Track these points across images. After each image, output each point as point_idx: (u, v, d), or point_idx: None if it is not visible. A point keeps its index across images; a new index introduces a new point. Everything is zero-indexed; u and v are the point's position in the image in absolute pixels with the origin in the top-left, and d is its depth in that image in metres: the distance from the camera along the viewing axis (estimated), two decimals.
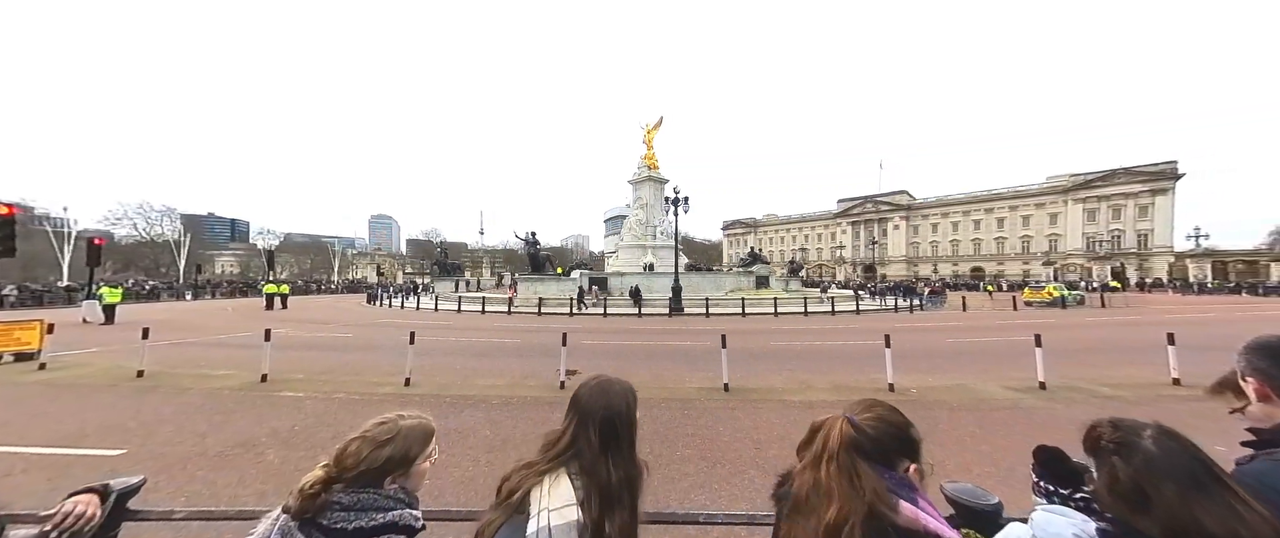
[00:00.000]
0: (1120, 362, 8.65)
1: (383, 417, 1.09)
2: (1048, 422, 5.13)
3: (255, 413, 5.52)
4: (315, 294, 48.73)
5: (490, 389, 6.78)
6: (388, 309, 25.58)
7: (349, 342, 11.98)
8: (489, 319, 18.93)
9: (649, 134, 42.82)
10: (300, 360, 8.99)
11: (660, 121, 43.86)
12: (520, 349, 10.62)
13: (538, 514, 0.92)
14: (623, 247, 41.90)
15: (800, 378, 7.40)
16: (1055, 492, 0.96)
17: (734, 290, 32.11)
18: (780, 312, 21.42)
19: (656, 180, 42.24)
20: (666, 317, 20.34)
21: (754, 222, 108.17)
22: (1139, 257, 56.36)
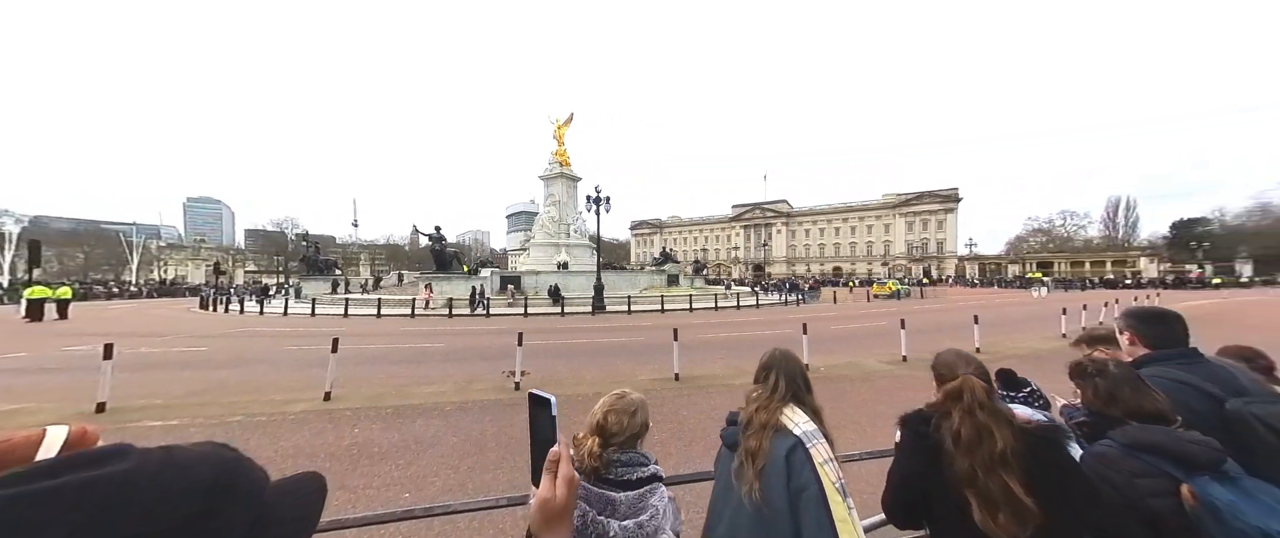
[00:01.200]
0: (946, 338, 11.68)
1: (616, 393, 1.27)
2: (913, 384, 6.84)
3: None
4: (106, 299, 36.36)
5: (438, 396, 6.28)
6: (238, 315, 20.59)
7: (208, 357, 9.53)
8: (389, 324, 16.73)
9: (559, 130, 42.10)
10: (146, 383, 6.99)
11: (571, 118, 43.40)
12: (450, 354, 9.80)
13: (795, 426, 1.31)
14: (534, 244, 40.55)
15: (735, 365, 8.38)
16: (1008, 394, 1.58)
17: (648, 288, 33.63)
18: (695, 307, 23.23)
19: (569, 177, 41.78)
20: (589, 315, 20.48)
21: (660, 223, 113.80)
22: (938, 259, 74.69)
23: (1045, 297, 29.67)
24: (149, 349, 10.45)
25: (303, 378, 7.39)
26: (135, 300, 37.57)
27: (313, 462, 4.11)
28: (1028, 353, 9.37)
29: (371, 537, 2.75)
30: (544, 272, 32.60)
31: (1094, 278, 51.94)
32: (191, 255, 77.77)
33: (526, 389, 6.27)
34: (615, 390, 1.31)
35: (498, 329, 14.54)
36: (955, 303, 25.53)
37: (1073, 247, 69.42)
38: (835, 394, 6.41)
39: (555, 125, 42.45)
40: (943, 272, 71.54)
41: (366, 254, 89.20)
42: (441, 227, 24.74)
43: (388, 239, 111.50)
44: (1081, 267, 60.84)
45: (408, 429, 4.98)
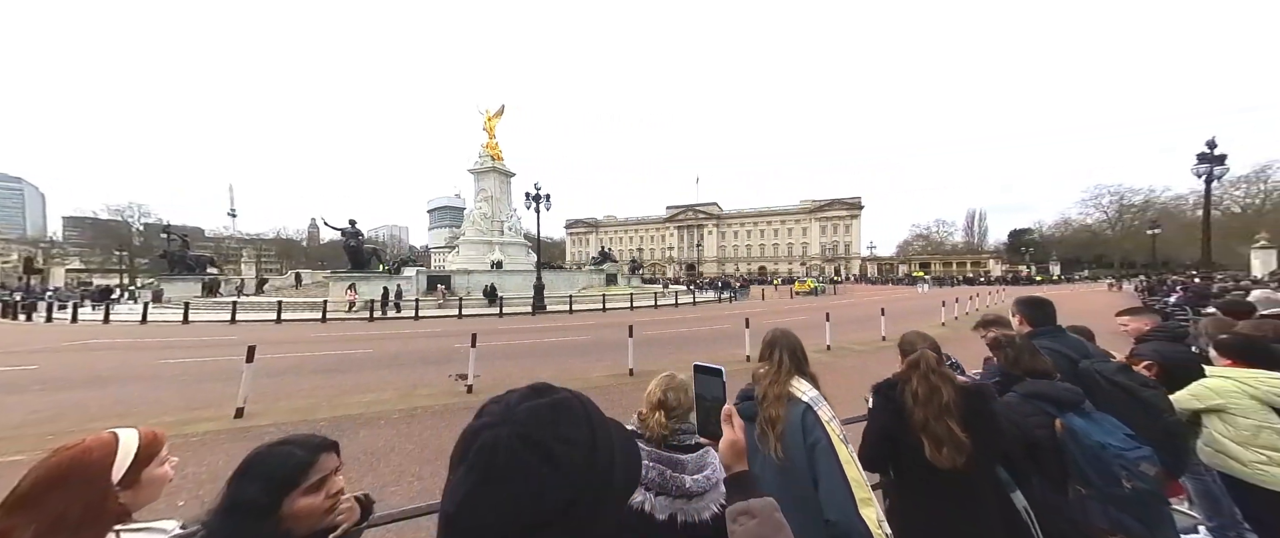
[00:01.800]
0: (860, 328, 13.44)
1: (666, 375, 1.43)
2: (838, 368, 7.86)
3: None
4: None
5: (378, 405, 5.78)
6: (71, 325, 16.34)
7: (46, 376, 7.54)
8: (294, 330, 14.61)
9: (490, 121, 40.13)
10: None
11: (502, 109, 41.56)
12: (382, 360, 8.94)
13: (802, 394, 1.55)
14: (465, 242, 38.19)
15: (684, 359, 8.85)
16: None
17: (587, 288, 33.49)
18: (636, 306, 23.70)
19: (502, 172, 40.01)
20: (530, 315, 19.88)
21: (596, 222, 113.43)
22: (846, 259, 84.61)
23: (927, 292, 35.45)
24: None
25: (197, 395, 6.29)
26: None
27: None
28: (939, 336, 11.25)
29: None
30: (476, 270, 30.93)
31: (959, 276, 62.92)
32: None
33: (480, 394, 6.07)
34: (663, 373, 1.47)
35: (431, 332, 13.53)
36: (861, 298, 29.24)
37: (944, 250, 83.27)
38: None
39: (485, 117, 40.30)
40: (849, 270, 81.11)
41: (250, 250, 76.40)
42: (356, 220, 22.01)
43: (279, 233, 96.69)
44: (950, 267, 73.22)
45: (352, 441, 4.55)
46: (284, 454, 0.96)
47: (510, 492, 0.50)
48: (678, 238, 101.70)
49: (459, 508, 0.50)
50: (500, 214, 39.57)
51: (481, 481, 0.51)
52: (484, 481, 0.51)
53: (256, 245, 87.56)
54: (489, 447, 0.52)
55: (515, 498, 0.49)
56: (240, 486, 0.90)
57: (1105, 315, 13.29)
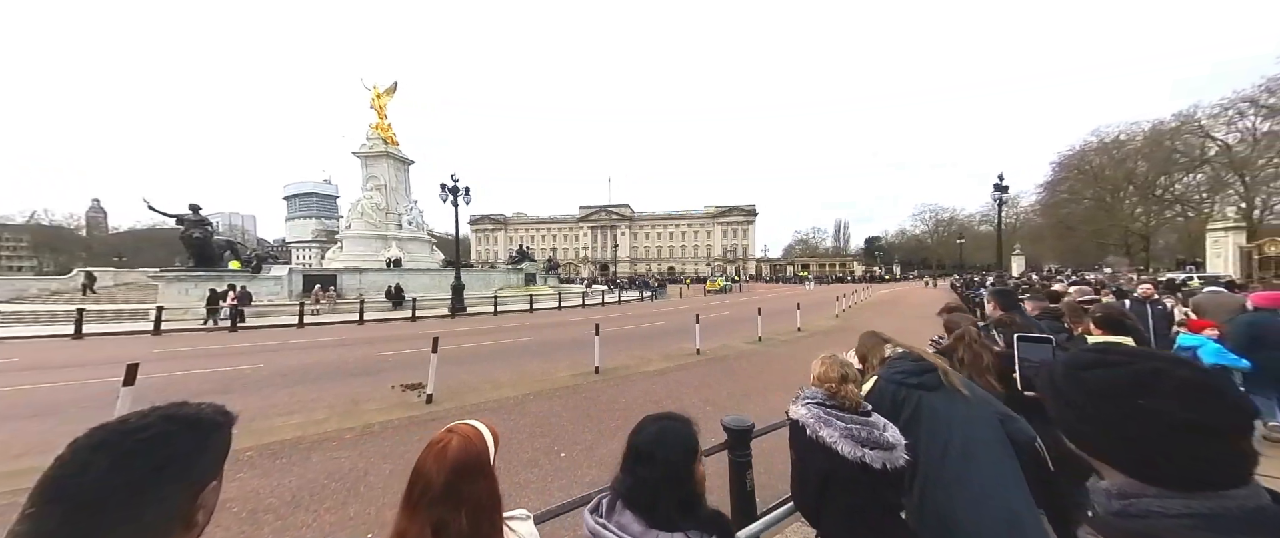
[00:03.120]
0: (780, 320, 15.30)
1: (829, 354, 1.72)
2: (774, 358, 9.03)
3: None
4: None
5: (317, 425, 4.97)
6: None
7: None
8: (116, 345, 11.01)
9: (379, 99, 35.51)
10: None
11: (394, 87, 37.12)
12: (290, 375, 7.43)
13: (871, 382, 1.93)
14: (351, 236, 33.03)
15: (638, 355, 9.20)
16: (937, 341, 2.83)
17: (504, 288, 31.70)
18: (563, 305, 23.28)
19: (398, 159, 35.65)
20: (449, 318, 18.16)
21: (505, 219, 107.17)
22: (743, 261, 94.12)
23: (812, 289, 41.67)
24: None
25: (25, 434, 4.59)
26: None
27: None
28: (831, 327, 13.37)
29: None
30: (370, 269, 27.11)
31: (832, 275, 75.04)
32: None
33: (440, 403, 5.60)
34: (824, 354, 1.75)
35: (336, 341, 11.55)
36: (765, 295, 33.06)
37: (819, 253, 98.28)
38: (722, 372, 7.94)
39: (374, 93, 35.40)
40: (745, 271, 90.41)
41: (27, 240, 54.91)
42: (200, 206, 17.22)
43: (35, 218, 70.09)
44: (824, 267, 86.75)
45: (304, 469, 3.91)
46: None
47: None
48: (592, 238, 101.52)
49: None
50: (396, 206, 35.07)
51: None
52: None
53: (37, 235, 62.81)
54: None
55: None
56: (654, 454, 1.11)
57: (929, 307, 16.75)
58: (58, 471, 0.57)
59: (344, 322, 16.19)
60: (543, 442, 4.53)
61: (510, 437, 4.66)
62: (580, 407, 5.71)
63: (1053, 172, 34.67)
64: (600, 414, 5.40)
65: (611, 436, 4.62)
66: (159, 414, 0.65)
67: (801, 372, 1.85)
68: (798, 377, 6.98)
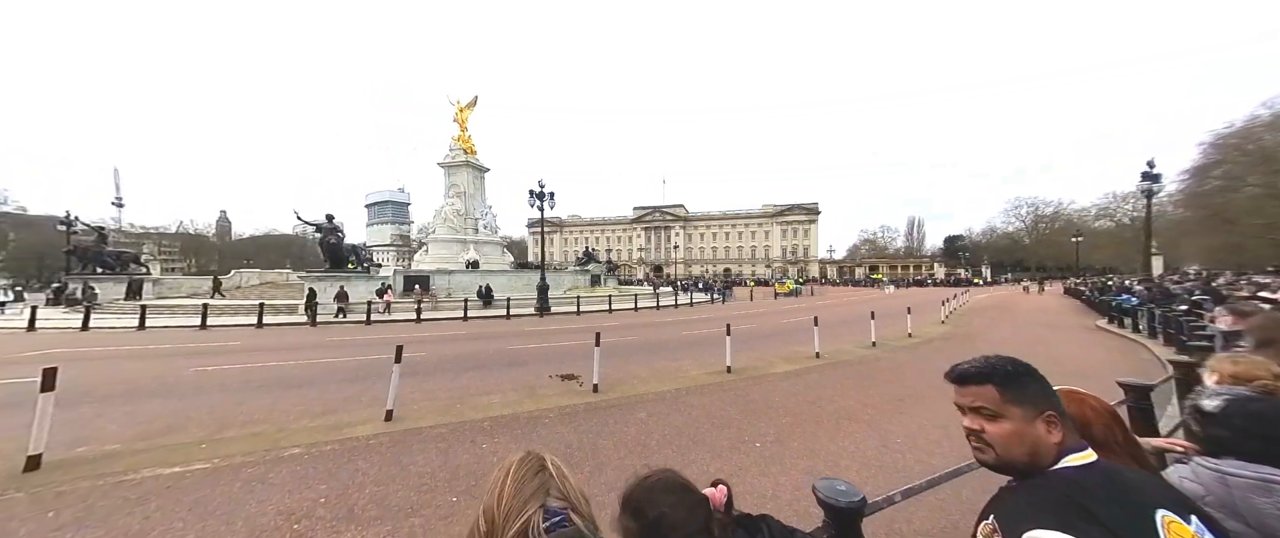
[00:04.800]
0: (890, 323, 14.71)
1: (1227, 356, 1.83)
2: (901, 364, 8.79)
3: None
4: None
5: (519, 406, 5.73)
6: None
7: (81, 390, 6.42)
8: (272, 335, 13.26)
9: (462, 113, 38.64)
10: (72, 426, 4.63)
11: (475, 101, 40.11)
12: (458, 363, 8.55)
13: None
14: (435, 240, 36.40)
15: (756, 356, 9.37)
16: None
17: (573, 288, 33.12)
18: (639, 307, 23.96)
19: (475, 167, 38.59)
20: (536, 317, 19.48)
21: (560, 221, 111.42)
22: (804, 262, 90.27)
23: (892, 293, 39.08)
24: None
25: (326, 398, 5.82)
26: None
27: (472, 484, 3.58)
28: (944, 334, 12.68)
29: None
30: (455, 271, 29.61)
31: (907, 278, 69.67)
32: None
33: (607, 391, 6.16)
34: (1222, 356, 1.87)
35: (460, 335, 12.96)
36: (842, 299, 31.61)
37: (887, 253, 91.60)
38: (854, 377, 7.89)
39: (457, 107, 38.68)
40: (808, 272, 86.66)
41: (151, 246, 66.88)
42: (334, 215, 20.17)
43: (182, 226, 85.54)
44: (895, 269, 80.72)
45: (535, 439, 4.56)
46: None
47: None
48: (645, 239, 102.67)
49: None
50: (474, 211, 38.06)
51: None
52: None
53: (155, 240, 76.75)
54: None
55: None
56: None
57: (1052, 315, 15.32)
58: None
59: (450, 319, 18.00)
60: (727, 433, 4.90)
61: (694, 426, 5.10)
62: (737, 402, 6.04)
63: (1202, 155, 29.60)
64: (763, 410, 5.68)
65: (790, 431, 4.88)
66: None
67: (935, 379, 1.76)
68: (934, 384, 6.81)
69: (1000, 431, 0.87)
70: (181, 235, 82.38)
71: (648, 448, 4.44)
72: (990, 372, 0.91)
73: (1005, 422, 0.87)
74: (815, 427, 5.02)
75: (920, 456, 4.06)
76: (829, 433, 4.82)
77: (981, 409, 0.90)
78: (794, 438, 4.65)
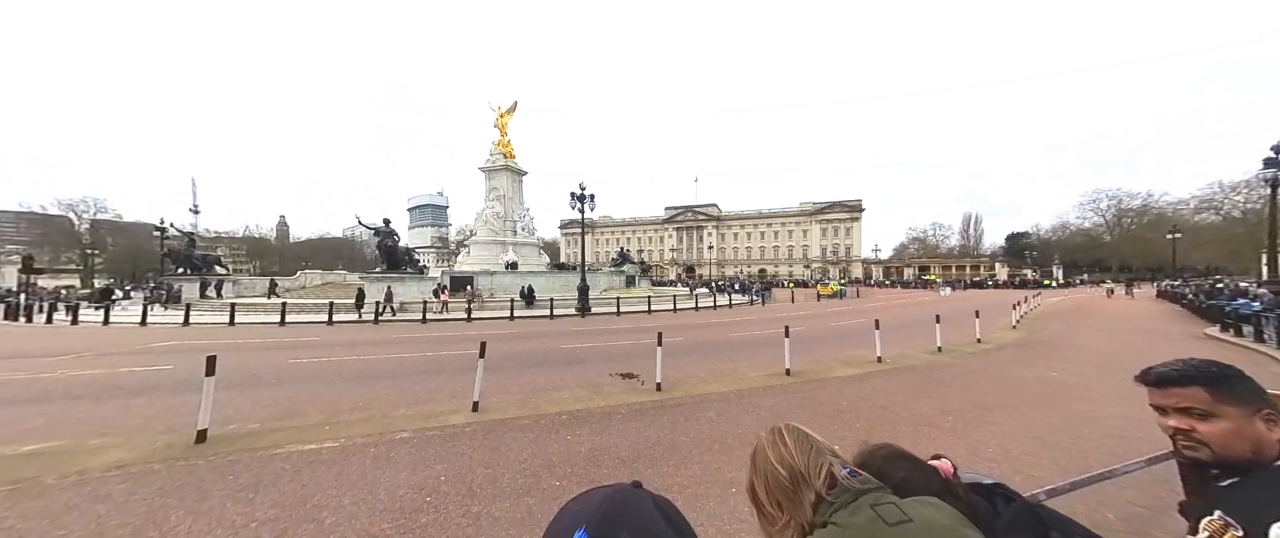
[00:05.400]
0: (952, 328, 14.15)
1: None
2: (973, 371, 8.48)
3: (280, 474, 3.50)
4: None
5: (589, 402, 6.08)
6: (102, 326, 15.68)
7: (192, 378, 7.46)
8: (342, 332, 14.46)
9: (501, 118, 40.22)
10: (181, 409, 5.47)
11: (515, 106, 41.66)
12: (518, 360, 9.10)
13: None
14: (477, 242, 38.15)
15: (813, 359, 9.32)
16: None
17: (608, 289, 33.70)
18: (679, 308, 24.11)
19: (514, 171, 40.06)
20: (578, 317, 20.07)
21: (592, 222, 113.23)
22: (846, 262, 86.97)
23: (948, 295, 37.01)
24: (69, 372, 7.75)
25: (418, 389, 6.46)
26: None
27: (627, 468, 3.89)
28: (1016, 340, 12.04)
29: None
30: (496, 272, 30.91)
31: (964, 279, 65.51)
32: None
33: (670, 390, 6.38)
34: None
35: (512, 334, 13.65)
36: (895, 301, 30.35)
37: (939, 252, 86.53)
38: (930, 383, 7.69)
39: (497, 113, 40.32)
40: (850, 273, 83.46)
41: (224, 249, 73.92)
42: (391, 219, 21.73)
43: (248, 231, 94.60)
44: (949, 270, 76.17)
45: (611, 434, 4.85)
46: None
47: None
48: (677, 239, 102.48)
49: None
50: (512, 214, 39.54)
51: None
52: None
53: (227, 243, 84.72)
54: None
55: None
56: None
57: (1147, 321, 14.31)
58: None
59: (497, 318, 18.91)
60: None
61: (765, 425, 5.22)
62: (804, 405, 6.11)
63: None
64: (833, 414, 5.72)
65: (866, 435, 4.91)
66: None
67: (1018, 387, 1.55)
68: (1019, 392, 6.53)
69: (1216, 429, 0.93)
70: (248, 239, 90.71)
71: (725, 445, 4.63)
72: (1195, 374, 0.97)
73: (1220, 421, 0.93)
74: (892, 431, 5.03)
75: (1018, 466, 4.00)
76: (908, 439, 4.81)
77: (1190, 410, 0.96)
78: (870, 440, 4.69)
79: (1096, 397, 6.29)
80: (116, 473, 3.63)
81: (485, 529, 3.02)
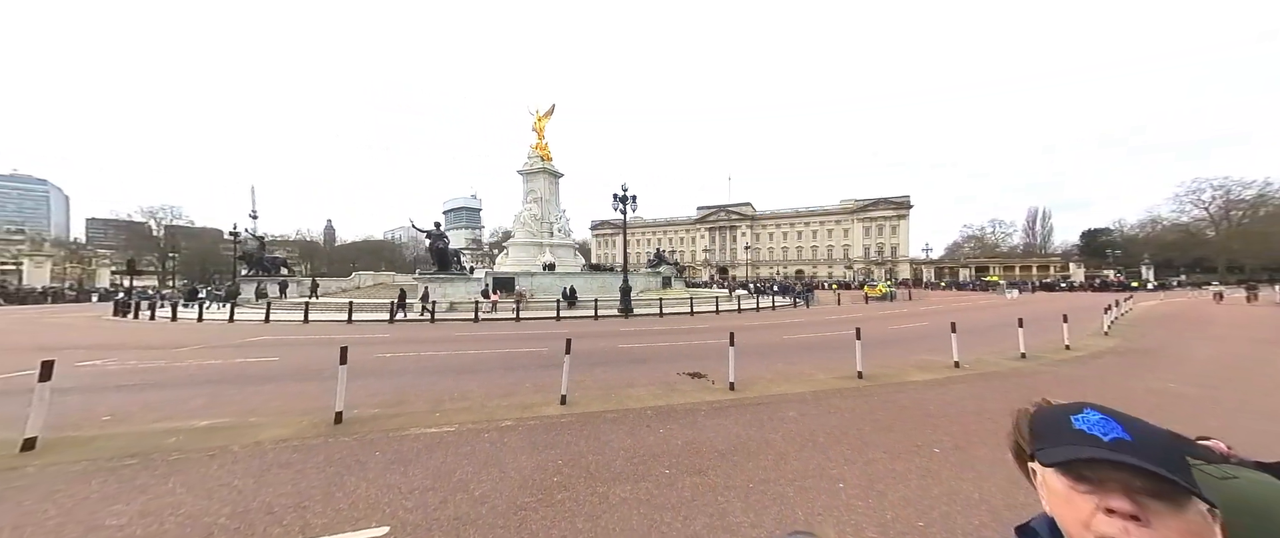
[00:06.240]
0: (1039, 331, 13.52)
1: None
2: (1072, 381, 8.11)
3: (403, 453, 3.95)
4: None
5: (666, 399, 6.34)
6: (197, 324, 17.63)
7: (309, 366, 8.40)
8: (405, 330, 15.47)
9: (539, 122, 41.50)
10: (306, 394, 6.22)
11: (552, 109, 42.87)
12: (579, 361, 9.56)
13: None
14: (515, 244, 39.54)
15: (882, 362, 9.20)
16: None
17: (645, 291, 34.05)
18: (721, 310, 24.10)
19: (551, 173, 41.18)
20: (622, 318, 20.48)
21: (622, 223, 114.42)
22: (893, 263, 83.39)
23: (1016, 298, 34.85)
24: (195, 362, 8.90)
25: (506, 384, 7.01)
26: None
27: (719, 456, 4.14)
28: (1111, 348, 11.36)
29: None
30: (536, 273, 31.94)
31: (1033, 281, 61.03)
32: (31, 250, 63.26)
33: (742, 391, 6.53)
34: None
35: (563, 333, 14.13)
36: (953, 304, 28.98)
37: (998, 252, 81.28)
38: (1024, 390, 7.45)
39: (535, 117, 41.65)
40: (897, 274, 79.96)
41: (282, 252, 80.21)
42: (441, 223, 23.08)
43: (301, 233, 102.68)
44: (1012, 270, 71.44)
45: (701, 433, 5.08)
46: None
47: None
48: (709, 239, 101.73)
49: None
50: (549, 216, 40.67)
51: None
52: None
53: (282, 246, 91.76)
54: None
55: None
56: None
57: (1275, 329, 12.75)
58: None
59: (543, 318, 19.63)
60: (893, 436, 5.04)
61: (854, 426, 5.31)
62: (886, 408, 6.10)
63: None
64: (921, 418, 5.70)
65: (968, 439, 4.90)
66: None
67: (1129, 399, 1.43)
68: (1134, 405, 6.17)
69: None
70: (299, 242, 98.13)
71: (817, 444, 4.77)
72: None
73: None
74: (994, 438, 4.98)
75: None
76: None
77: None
78: (976, 446, 4.68)
79: (1228, 412, 5.91)
80: (284, 445, 4.24)
81: (615, 507, 3.34)
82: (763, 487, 3.76)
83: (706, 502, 3.46)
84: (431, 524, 2.99)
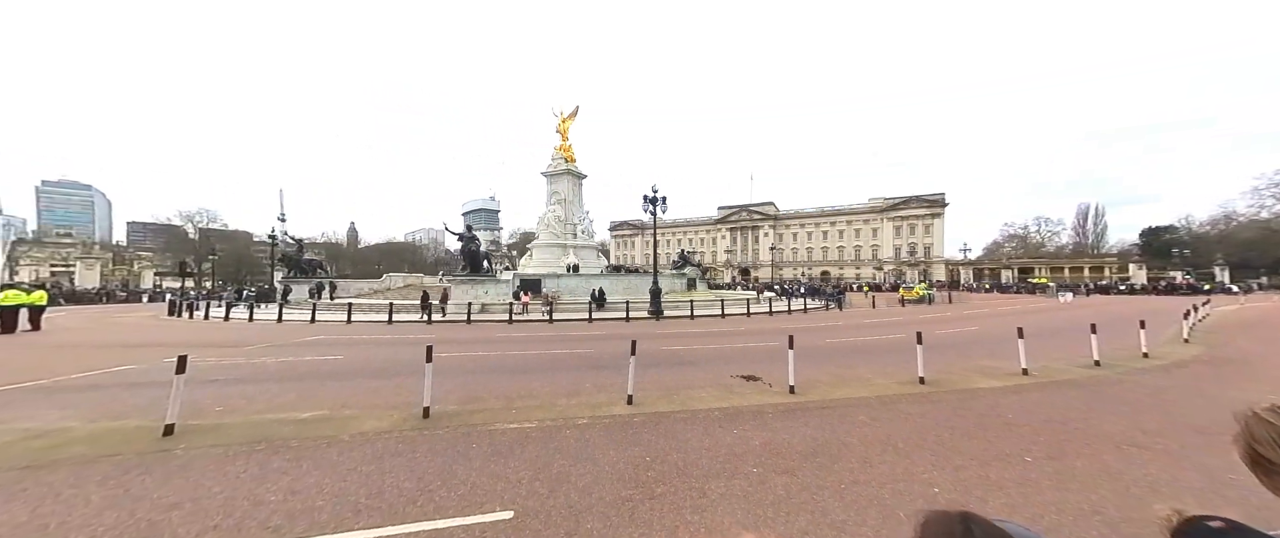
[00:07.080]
0: (1080, 344, 13.07)
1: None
2: (1157, 390, 7.84)
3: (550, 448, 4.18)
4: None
5: (726, 401, 6.46)
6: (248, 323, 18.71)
7: (372, 365, 8.88)
8: (444, 330, 15.99)
9: (563, 124, 42.13)
10: (383, 390, 6.61)
11: (576, 111, 43.46)
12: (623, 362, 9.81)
13: None
14: (539, 245, 40.19)
15: (943, 367, 9.08)
16: None
17: (670, 292, 34.10)
18: (752, 312, 24.00)
19: (575, 174, 41.71)
20: (654, 320, 20.65)
21: (642, 223, 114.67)
22: (926, 263, 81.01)
23: (1071, 301, 33.45)
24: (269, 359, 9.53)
25: (571, 383, 7.30)
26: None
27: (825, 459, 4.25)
28: (1195, 356, 10.89)
29: None
30: (560, 275, 32.45)
31: (1087, 283, 58.07)
32: (82, 253, 67.98)
33: (800, 394, 6.55)
34: None
35: (600, 335, 14.49)
36: (997, 307, 28.03)
37: (1043, 252, 77.93)
38: (1087, 396, 7.26)
39: (559, 119, 42.30)
40: (932, 276, 77.66)
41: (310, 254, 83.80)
42: (473, 226, 23.81)
43: (326, 236, 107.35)
44: (1060, 272, 68.41)
45: (772, 433, 5.18)
46: None
47: None
48: (731, 240, 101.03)
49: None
50: (573, 217, 41.19)
51: None
52: None
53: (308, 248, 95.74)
54: None
55: None
56: None
57: None
58: None
59: (575, 320, 19.98)
60: (976, 444, 5.01)
61: (932, 433, 5.31)
62: (960, 414, 6.05)
63: None
64: (1000, 426, 5.62)
65: (1059, 449, 4.83)
66: None
67: (1227, 410, 1.10)
68: (1209, 416, 5.91)
69: None
70: (325, 244, 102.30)
71: (898, 449, 4.79)
72: None
73: None
74: (1088, 448, 4.90)
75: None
76: (1113, 457, 4.65)
77: None
78: (1071, 457, 4.61)
79: None
80: (387, 436, 4.57)
81: (716, 503, 3.49)
82: (855, 488, 3.85)
83: (803, 500, 3.58)
84: (550, 511, 3.21)
